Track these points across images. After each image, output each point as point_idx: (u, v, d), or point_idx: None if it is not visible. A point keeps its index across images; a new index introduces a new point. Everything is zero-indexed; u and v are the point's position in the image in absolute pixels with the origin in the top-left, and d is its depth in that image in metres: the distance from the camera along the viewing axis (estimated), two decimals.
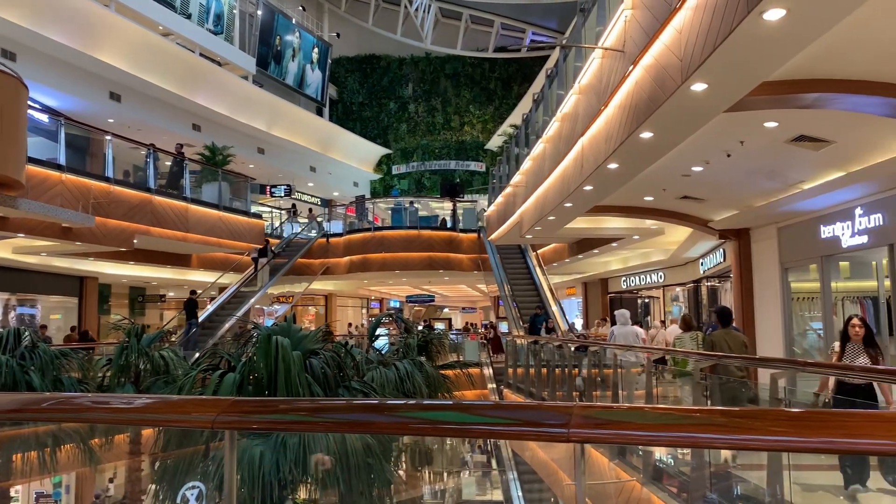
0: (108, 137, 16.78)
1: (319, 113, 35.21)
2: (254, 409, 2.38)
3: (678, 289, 23.07)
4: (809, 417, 1.66)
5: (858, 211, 10.76)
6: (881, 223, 10.32)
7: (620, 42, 8.31)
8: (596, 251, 20.66)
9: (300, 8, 34.64)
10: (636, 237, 18.14)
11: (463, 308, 43.82)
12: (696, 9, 5.95)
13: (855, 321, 6.73)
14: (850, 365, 6.48)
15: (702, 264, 19.02)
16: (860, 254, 11.34)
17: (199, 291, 20.84)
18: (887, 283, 10.50)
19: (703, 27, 5.76)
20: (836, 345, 6.87)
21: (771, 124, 8.46)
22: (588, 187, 11.12)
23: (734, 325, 9.98)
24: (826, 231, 11.66)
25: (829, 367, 6.85)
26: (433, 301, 37.28)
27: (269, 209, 28.92)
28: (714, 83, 6.27)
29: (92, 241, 15.43)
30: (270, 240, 24.84)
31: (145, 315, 25.80)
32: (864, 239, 10.72)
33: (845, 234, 11.14)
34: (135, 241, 16.86)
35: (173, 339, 17.27)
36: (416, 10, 35.15)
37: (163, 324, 23.49)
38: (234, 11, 27.16)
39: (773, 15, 4.87)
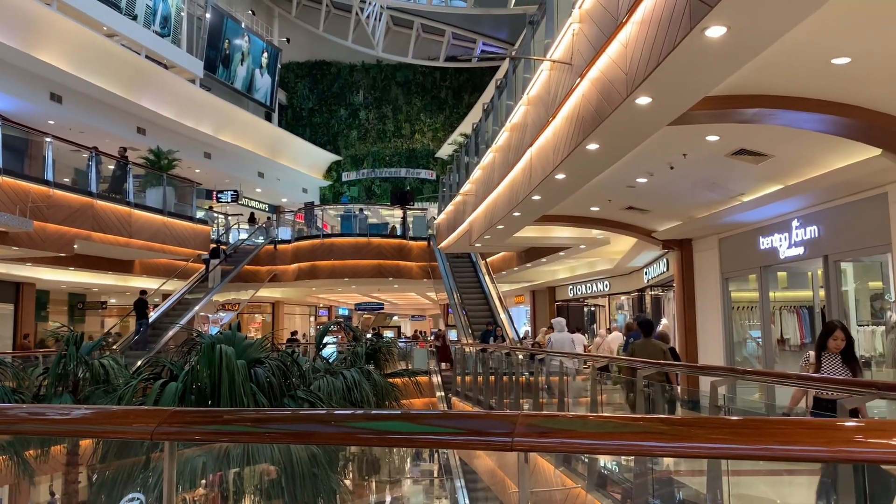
0: (49, 139, 16.28)
1: (268, 118, 34.82)
2: (196, 419, 2.34)
3: (623, 297, 23.47)
4: (746, 425, 1.71)
5: (795, 223, 11.11)
6: (816, 235, 10.68)
7: (568, 55, 8.44)
8: (544, 260, 20.89)
9: (250, 12, 34.25)
10: (583, 247, 18.40)
11: (412, 316, 43.76)
12: (642, 24, 6.09)
13: (838, 333, 6.02)
14: (788, 373, 6.65)
15: (646, 273, 19.39)
16: (797, 265, 11.72)
17: (148, 291, 20.44)
18: (822, 292, 10.86)
19: (648, 42, 5.90)
20: (811, 355, 6.20)
21: (713, 138, 8.70)
22: (536, 197, 11.24)
23: (657, 334, 10.64)
24: (765, 242, 12.01)
25: (767, 374, 7.04)
26: (382, 309, 37.12)
27: (216, 215, 28.44)
28: (658, 97, 6.41)
29: (30, 245, 14.92)
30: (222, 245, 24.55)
31: (85, 322, 25.08)
32: (800, 250, 11.08)
33: (783, 245, 11.50)
34: (75, 246, 16.38)
35: (114, 348, 16.82)
36: (368, 17, 35.09)
37: (104, 331, 22.87)
38: (182, 14, 26.70)
39: (715, 32, 5.02)
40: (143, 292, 19.84)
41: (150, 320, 19.86)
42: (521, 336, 22.82)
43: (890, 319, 9.62)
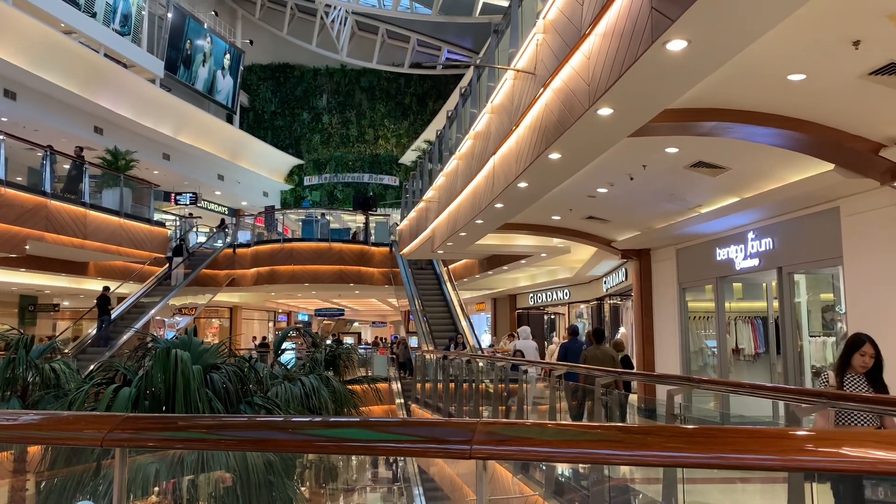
0: (1, 137, 15.86)
1: (230, 120, 34.42)
2: (149, 425, 2.29)
3: (582, 306, 23.69)
4: (701, 434, 1.73)
5: (751, 235, 11.35)
6: (771, 247, 10.92)
7: (532, 65, 8.51)
8: (505, 268, 21.00)
9: (213, 13, 33.88)
10: (544, 255, 18.54)
11: (373, 322, 43.58)
12: (605, 36, 6.16)
13: (867, 348, 4.80)
14: (742, 382, 6.75)
15: (605, 283, 19.60)
16: (752, 276, 11.96)
17: (111, 287, 20.04)
18: (776, 304, 11.10)
19: (611, 54, 5.97)
20: (831, 376, 4.98)
21: (672, 150, 8.84)
22: (498, 205, 11.29)
23: (614, 342, 12.15)
24: (721, 253, 12.23)
25: (722, 384, 7.14)
26: (343, 315, 36.90)
27: (173, 217, 28.00)
28: (619, 108, 6.49)
29: None
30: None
31: (37, 325, 24.43)
32: (755, 262, 11.31)
33: (738, 256, 11.73)
34: (27, 246, 15.96)
35: (66, 351, 16.41)
36: (333, 21, 34.95)
37: (56, 334, 22.32)
38: (143, 13, 26.26)
39: (676, 45, 5.10)
40: (106, 288, 19.60)
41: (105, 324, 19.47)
42: (490, 345, 22.96)
43: (840, 331, 9.87)
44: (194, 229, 28.06)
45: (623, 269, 16.96)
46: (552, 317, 26.76)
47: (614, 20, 5.91)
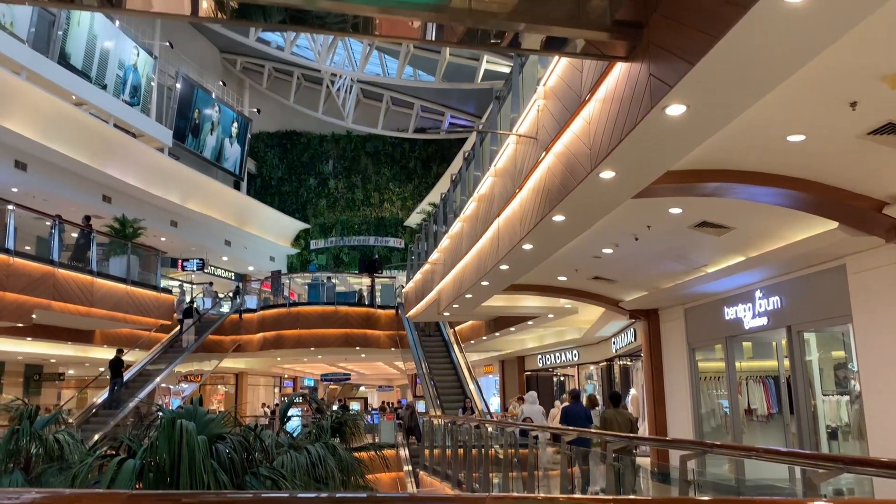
0: (11, 207, 16.05)
1: (237, 187, 34.85)
2: None
3: (592, 367, 23.45)
4: None
5: (758, 294, 11.30)
6: (779, 306, 10.85)
7: (534, 129, 8.63)
8: (512, 329, 20.86)
9: (220, 83, 34.67)
10: (551, 316, 18.44)
11: (380, 386, 43.09)
12: (605, 101, 6.27)
13: None
14: (756, 447, 6.63)
15: (614, 343, 19.44)
16: (762, 335, 11.85)
17: (125, 350, 20.01)
18: (787, 362, 10.97)
19: (611, 119, 6.06)
20: None
21: (675, 210, 8.89)
22: (504, 266, 11.30)
23: (623, 405, 12.12)
24: (729, 312, 12.16)
25: (735, 448, 7.01)
26: (349, 379, 36.53)
27: (178, 282, 28.09)
28: (621, 171, 6.55)
29: None
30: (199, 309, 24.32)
31: (41, 394, 24.26)
32: (764, 321, 11.23)
33: (747, 315, 11.65)
34: (34, 315, 15.98)
35: (71, 422, 16.26)
36: (338, 89, 35.72)
37: (60, 403, 22.14)
38: (153, 84, 26.90)
39: (675, 110, 5.18)
40: (120, 351, 19.76)
41: (109, 393, 19.35)
42: (505, 408, 22.73)
43: (854, 389, 9.72)
44: (200, 295, 28.12)
45: (632, 330, 16.85)
46: (561, 378, 26.45)
47: (613, 86, 6.02)
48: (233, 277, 32.97)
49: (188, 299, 26.47)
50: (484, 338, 22.92)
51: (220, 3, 5.10)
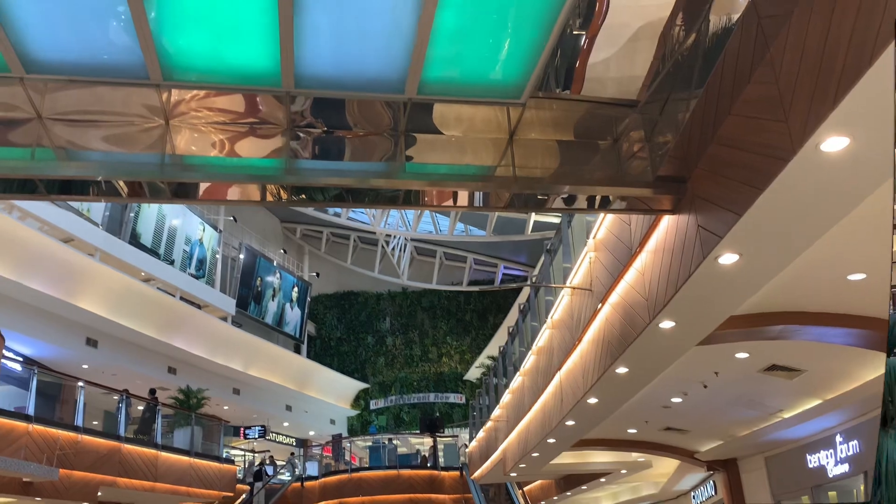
0: (81, 384, 16.49)
1: (297, 350, 35.28)
2: None
3: None
4: None
5: (839, 438, 10.64)
6: (858, 450, 10.19)
7: (587, 281, 8.65)
8: (584, 487, 19.86)
9: (282, 251, 36.06)
10: (624, 471, 17.59)
11: None
12: (656, 252, 6.28)
13: None
14: None
15: (693, 497, 18.26)
16: (844, 482, 11.04)
17: None
18: None
19: (664, 269, 6.04)
20: None
21: (742, 355, 8.61)
22: (570, 422, 10.95)
23: None
24: (812, 460, 11.42)
25: None
26: None
27: (241, 451, 27.91)
28: (681, 321, 6.44)
29: (54, 495, 14.52)
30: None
31: None
32: (846, 467, 10.51)
33: (830, 462, 10.92)
34: (99, 493, 15.94)
35: None
36: (393, 249, 36.76)
37: None
38: (217, 256, 28.12)
39: (728, 259, 5.15)
40: None
41: None
42: None
43: None
44: (267, 462, 27.80)
45: (711, 482, 15.87)
46: None
47: (663, 237, 6.05)
48: (294, 443, 32.63)
49: (257, 462, 26.26)
50: (555, 498, 21.82)
51: (284, 187, 5.41)
